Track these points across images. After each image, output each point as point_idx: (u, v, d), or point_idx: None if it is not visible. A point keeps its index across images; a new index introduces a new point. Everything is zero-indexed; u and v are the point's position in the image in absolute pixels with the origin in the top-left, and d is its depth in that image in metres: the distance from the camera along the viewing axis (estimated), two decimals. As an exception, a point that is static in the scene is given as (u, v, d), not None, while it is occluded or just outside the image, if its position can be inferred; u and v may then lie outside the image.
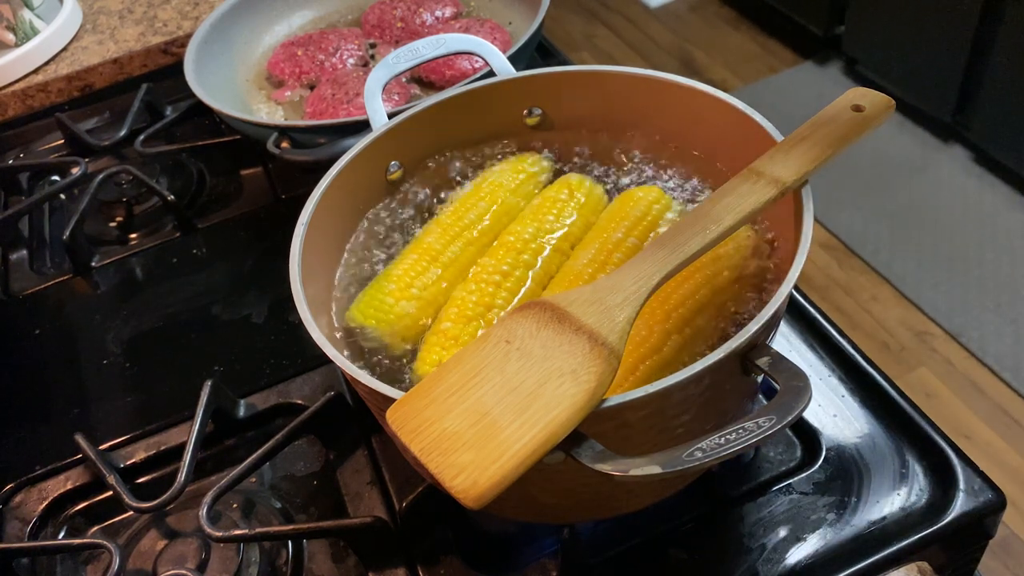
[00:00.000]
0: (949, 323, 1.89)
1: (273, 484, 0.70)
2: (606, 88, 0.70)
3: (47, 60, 1.21)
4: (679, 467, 0.40)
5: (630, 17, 3.01)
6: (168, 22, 1.25)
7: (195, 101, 0.98)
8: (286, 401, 0.74)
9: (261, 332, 0.82)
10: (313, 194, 0.62)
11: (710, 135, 0.66)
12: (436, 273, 0.63)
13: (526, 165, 0.70)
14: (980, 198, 2.13)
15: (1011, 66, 1.99)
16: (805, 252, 0.50)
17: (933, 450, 0.63)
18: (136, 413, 0.77)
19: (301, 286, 0.56)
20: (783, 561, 0.58)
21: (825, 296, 2.00)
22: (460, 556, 0.61)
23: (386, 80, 0.70)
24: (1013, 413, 1.73)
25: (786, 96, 2.50)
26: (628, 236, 0.62)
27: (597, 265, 0.60)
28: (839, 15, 2.47)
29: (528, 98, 0.72)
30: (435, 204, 0.71)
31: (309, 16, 1.16)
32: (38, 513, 0.70)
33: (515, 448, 0.41)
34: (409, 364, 0.60)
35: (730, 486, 0.63)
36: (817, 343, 0.71)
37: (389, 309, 0.61)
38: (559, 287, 0.61)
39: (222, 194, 1.01)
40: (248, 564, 0.63)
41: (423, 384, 0.46)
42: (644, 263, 0.49)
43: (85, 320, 0.88)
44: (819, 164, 0.54)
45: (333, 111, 0.93)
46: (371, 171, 0.69)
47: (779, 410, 0.42)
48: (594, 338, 0.45)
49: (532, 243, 0.63)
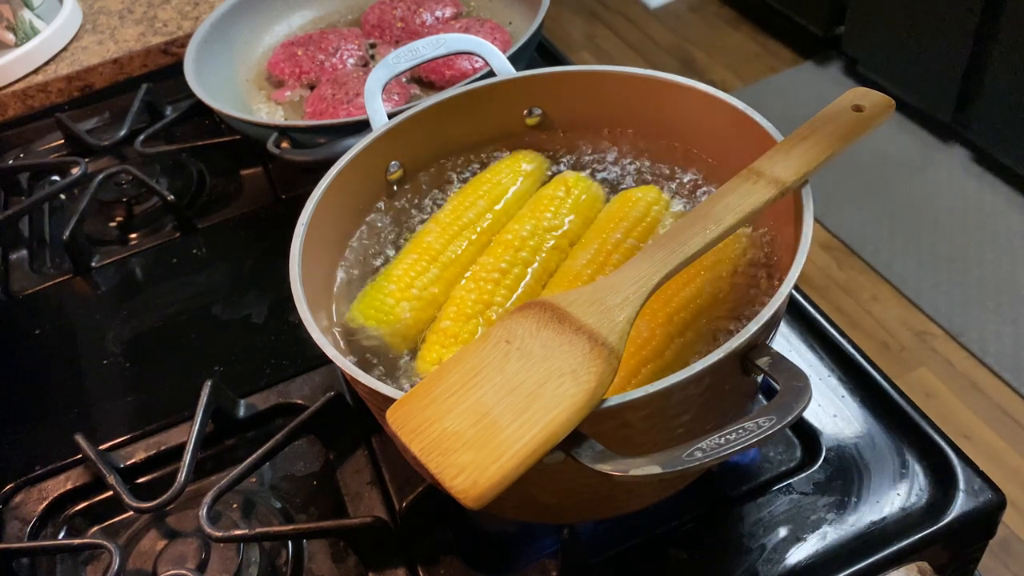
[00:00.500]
0: (949, 323, 1.89)
1: (273, 484, 0.70)
2: (606, 88, 0.70)
3: (47, 60, 1.21)
4: (679, 467, 0.40)
5: (630, 17, 3.01)
6: (168, 22, 1.25)
7: (195, 101, 0.98)
8: (286, 401, 0.74)
9: (261, 332, 0.82)
10: (313, 194, 0.62)
11: (710, 135, 0.66)
12: (435, 273, 0.63)
13: (524, 163, 0.70)
14: (980, 198, 2.13)
15: (1011, 66, 1.99)
16: (805, 252, 0.50)
17: (933, 450, 0.63)
18: (136, 413, 0.77)
19: (301, 286, 0.56)
20: (783, 561, 0.58)
21: (825, 296, 2.00)
22: (460, 556, 0.61)
23: (386, 80, 0.70)
24: (1013, 413, 1.73)
25: (786, 96, 2.50)
26: (627, 237, 0.62)
27: (596, 266, 0.61)
28: (839, 15, 2.47)
29: (528, 98, 0.72)
30: (435, 203, 0.71)
31: (309, 16, 1.16)
32: (38, 513, 0.70)
33: (515, 448, 0.41)
34: (409, 364, 0.60)
35: (730, 486, 0.63)
36: (817, 343, 0.71)
37: (389, 309, 0.61)
38: (558, 287, 0.61)
39: (222, 194, 1.01)
40: (248, 564, 0.63)
41: (423, 384, 0.46)
42: (644, 263, 0.49)
43: (85, 320, 0.88)
44: (819, 164, 0.54)
45: (333, 111, 0.93)
46: (371, 171, 0.69)
47: (779, 410, 0.42)
48: (594, 338, 0.45)
49: (530, 240, 0.63)
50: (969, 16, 2.02)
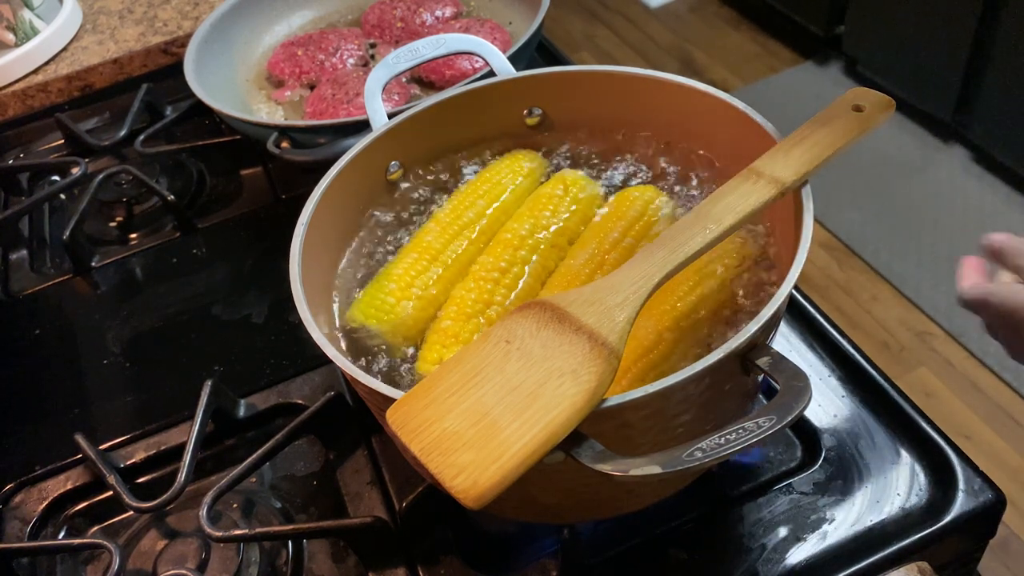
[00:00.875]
0: (949, 323, 1.89)
1: (273, 484, 0.70)
2: (606, 88, 0.70)
3: (47, 60, 1.21)
4: (679, 467, 0.40)
5: (630, 17, 3.01)
6: (168, 22, 1.25)
7: (195, 101, 0.98)
8: (286, 401, 0.74)
9: (261, 332, 0.82)
10: (313, 194, 0.62)
11: (710, 135, 0.66)
12: (437, 272, 0.63)
13: (524, 162, 0.70)
14: (980, 198, 2.13)
15: (1011, 66, 1.99)
16: (805, 252, 0.50)
17: (933, 450, 0.63)
18: (136, 413, 0.77)
19: (301, 286, 0.56)
20: (783, 561, 0.58)
21: (825, 296, 2.00)
22: (460, 556, 0.61)
23: (386, 80, 0.70)
24: (1013, 413, 1.73)
25: (786, 96, 2.50)
26: (625, 236, 0.62)
27: (594, 265, 0.61)
28: (839, 15, 2.47)
29: (528, 98, 0.72)
30: (435, 203, 0.71)
31: (309, 16, 1.16)
32: (38, 513, 0.70)
33: (515, 448, 0.41)
34: (409, 364, 0.60)
35: (730, 486, 0.63)
36: (817, 343, 0.71)
37: (390, 309, 0.61)
38: (557, 287, 0.61)
39: (222, 194, 1.01)
40: (248, 564, 0.63)
41: (423, 384, 0.46)
42: (644, 263, 0.49)
43: (85, 320, 0.88)
44: (819, 164, 0.54)
45: (333, 111, 0.93)
46: (371, 171, 0.69)
47: (779, 410, 0.42)
48: (594, 338, 0.45)
49: (529, 239, 0.63)
50: (969, 16, 2.02)
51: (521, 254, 0.63)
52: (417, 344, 0.61)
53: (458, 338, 0.58)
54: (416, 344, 0.61)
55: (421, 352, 0.60)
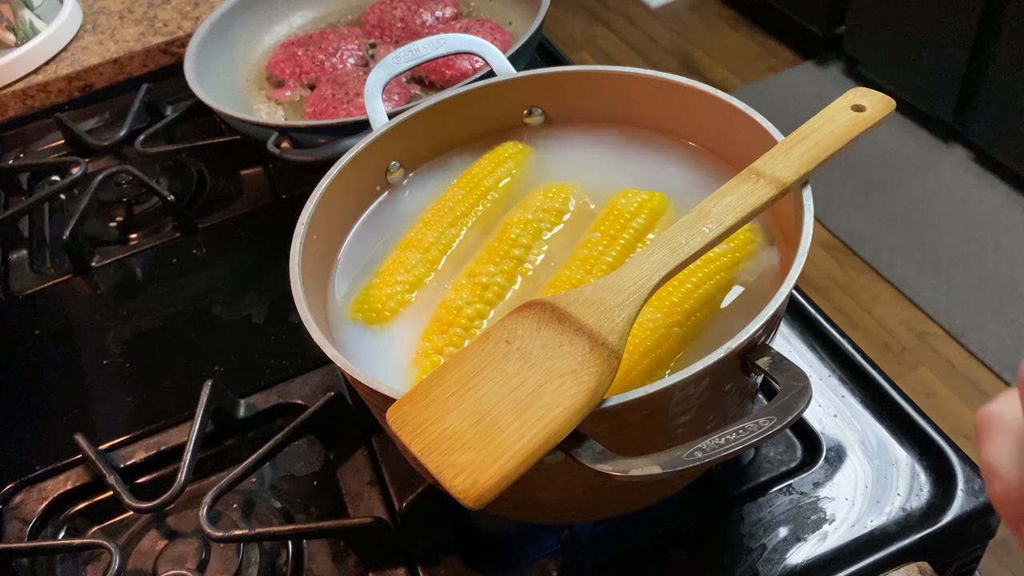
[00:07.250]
0: (949, 323, 1.89)
1: (273, 484, 0.70)
2: (606, 88, 0.70)
3: (47, 60, 1.21)
4: (679, 467, 0.40)
5: (630, 17, 3.01)
6: (168, 22, 1.25)
7: (195, 101, 0.98)
8: (286, 401, 0.74)
9: (261, 332, 0.82)
10: (313, 194, 0.62)
11: (710, 135, 0.66)
12: (417, 257, 0.63)
13: (505, 153, 0.70)
14: (980, 198, 2.13)
15: (1011, 66, 1.99)
16: (805, 252, 0.50)
17: (933, 450, 0.63)
18: (136, 413, 0.77)
19: (301, 286, 0.56)
20: (783, 561, 0.58)
21: (825, 296, 2.00)
22: (460, 556, 0.61)
23: (386, 80, 0.70)
24: (1013, 413, 1.73)
25: (786, 96, 2.50)
26: (620, 234, 0.62)
27: (591, 264, 0.60)
28: (839, 15, 2.47)
29: (528, 98, 0.72)
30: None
31: (309, 16, 1.16)
32: (38, 513, 0.70)
33: (515, 448, 0.41)
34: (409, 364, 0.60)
35: (730, 486, 0.63)
36: (817, 343, 0.71)
37: (382, 306, 0.61)
38: (553, 287, 0.61)
39: (222, 194, 1.01)
40: (248, 564, 0.63)
41: (423, 384, 0.46)
42: (644, 263, 0.49)
43: (85, 320, 0.88)
44: (820, 164, 0.54)
45: (333, 111, 0.93)
46: (371, 171, 0.69)
47: (779, 410, 0.42)
48: (594, 338, 0.45)
49: (523, 239, 0.63)
50: (969, 16, 2.02)
51: (516, 252, 0.62)
52: (415, 339, 0.61)
53: (455, 335, 0.58)
54: (414, 344, 0.61)
55: (420, 353, 0.60)
